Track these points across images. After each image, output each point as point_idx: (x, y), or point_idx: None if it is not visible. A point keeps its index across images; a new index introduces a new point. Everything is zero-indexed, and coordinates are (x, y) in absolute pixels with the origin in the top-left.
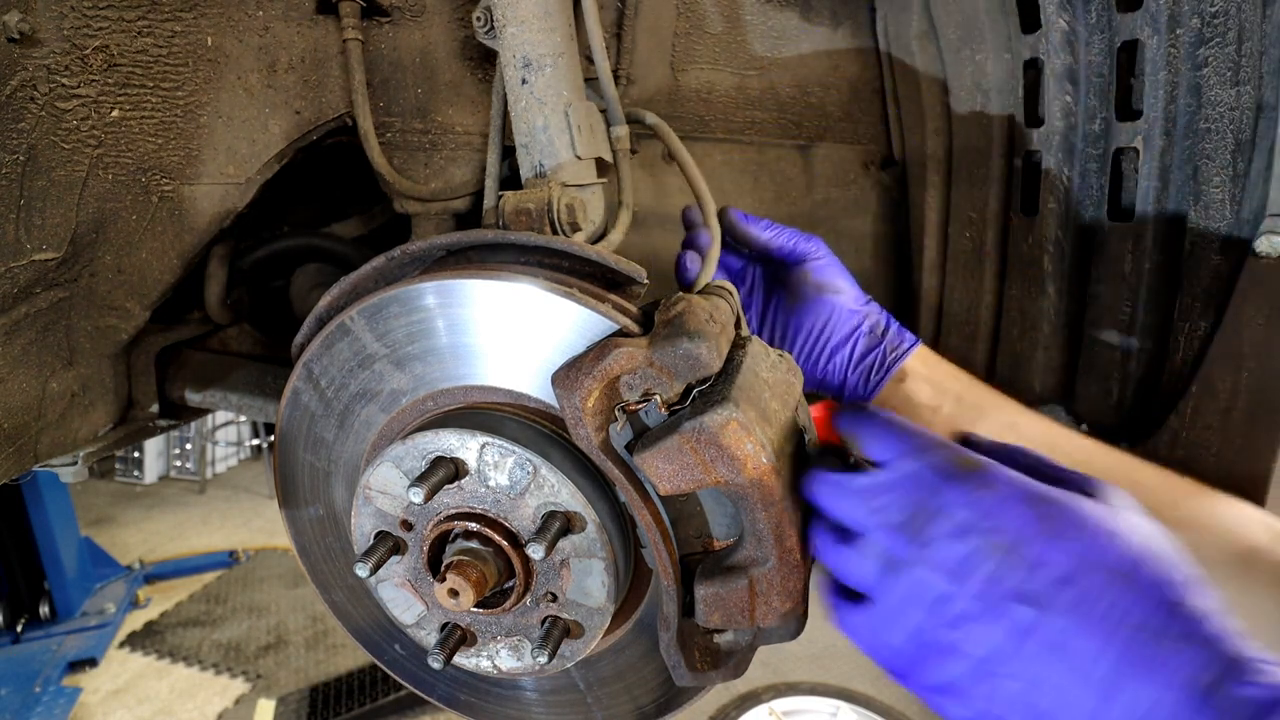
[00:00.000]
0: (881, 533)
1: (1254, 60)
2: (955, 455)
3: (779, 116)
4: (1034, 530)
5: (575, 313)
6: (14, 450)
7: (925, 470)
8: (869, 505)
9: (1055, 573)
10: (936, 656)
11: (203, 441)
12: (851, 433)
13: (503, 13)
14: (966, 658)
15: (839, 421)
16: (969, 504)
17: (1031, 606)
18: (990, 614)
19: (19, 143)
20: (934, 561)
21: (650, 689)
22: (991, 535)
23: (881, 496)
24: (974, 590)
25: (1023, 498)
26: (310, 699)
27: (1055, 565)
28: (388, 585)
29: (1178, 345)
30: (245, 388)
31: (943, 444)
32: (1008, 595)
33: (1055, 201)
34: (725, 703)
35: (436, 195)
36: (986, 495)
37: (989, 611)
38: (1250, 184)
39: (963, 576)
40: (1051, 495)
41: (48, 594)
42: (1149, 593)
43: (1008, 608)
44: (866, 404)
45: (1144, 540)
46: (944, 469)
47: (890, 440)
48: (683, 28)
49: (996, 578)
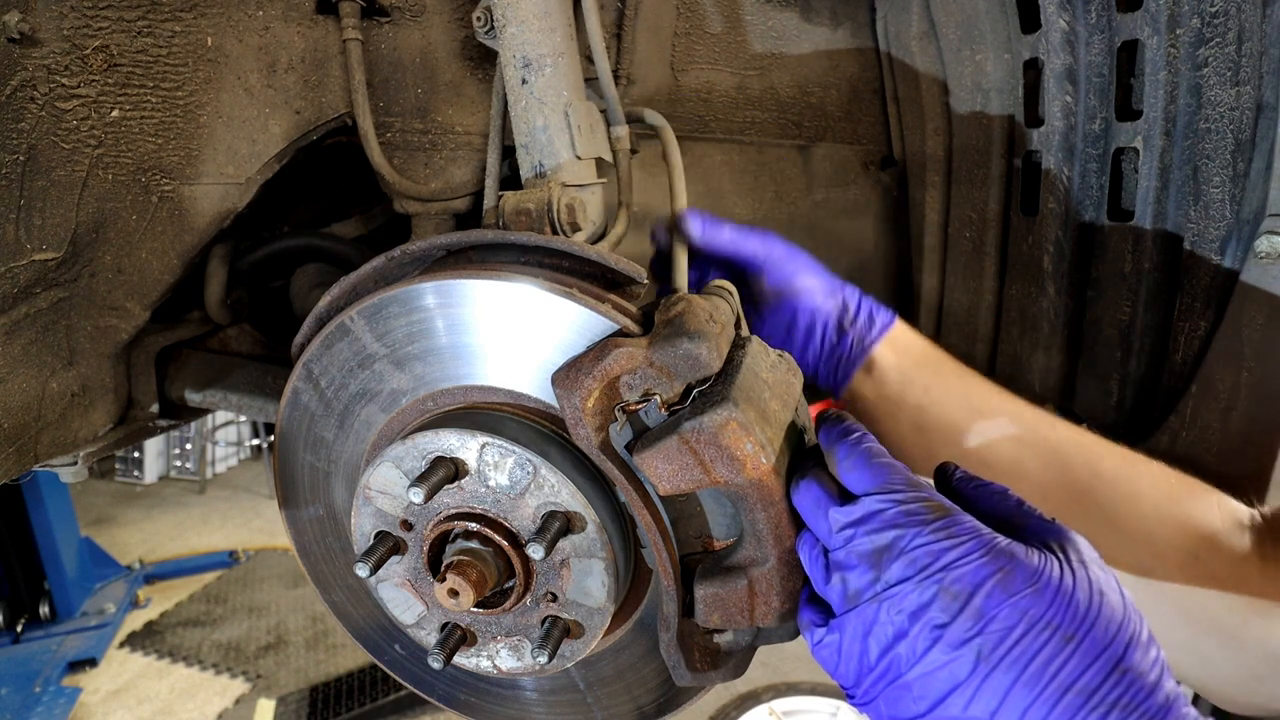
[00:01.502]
0: (849, 559)
1: (1254, 60)
2: (924, 500)
3: (779, 116)
4: (989, 583)
5: (575, 313)
6: (14, 450)
7: (895, 511)
8: (842, 534)
9: (1002, 627)
10: (889, 691)
11: (203, 441)
12: (829, 452)
13: (503, 13)
14: (917, 699)
15: (820, 435)
16: (930, 550)
17: (977, 658)
18: (938, 659)
19: (19, 143)
20: (891, 600)
21: (650, 689)
22: (948, 583)
23: (850, 528)
24: (926, 634)
25: (983, 549)
26: (310, 699)
27: (1003, 620)
28: (388, 585)
29: (1178, 345)
30: (245, 388)
31: (913, 485)
32: (955, 643)
33: (1055, 201)
34: (725, 703)
35: (436, 195)
36: (948, 543)
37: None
38: (1250, 184)
39: (916, 618)
40: (1011, 549)
41: (48, 594)
42: (1093, 656)
43: (956, 656)
44: (846, 418)
45: (1096, 599)
46: (912, 512)
47: (864, 473)
48: (683, 28)
49: (948, 625)
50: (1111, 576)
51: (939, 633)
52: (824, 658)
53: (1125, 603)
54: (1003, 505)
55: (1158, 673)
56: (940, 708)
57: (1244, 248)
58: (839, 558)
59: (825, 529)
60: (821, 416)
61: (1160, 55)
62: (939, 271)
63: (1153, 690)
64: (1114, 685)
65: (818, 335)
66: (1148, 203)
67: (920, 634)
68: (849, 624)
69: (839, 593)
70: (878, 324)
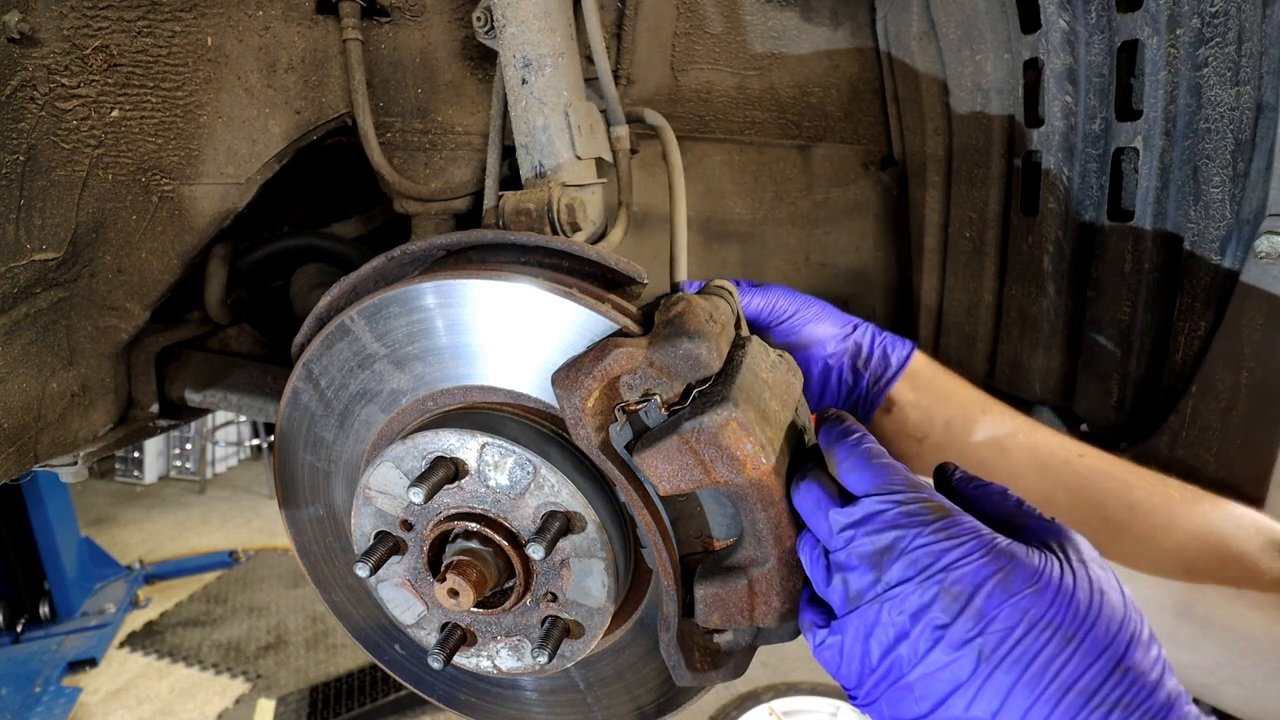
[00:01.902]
0: (850, 560)
1: (1254, 60)
2: (924, 500)
3: (779, 116)
4: (989, 583)
5: (575, 313)
6: (14, 450)
7: (895, 512)
8: (842, 535)
9: (1003, 627)
10: (891, 691)
11: (203, 441)
12: (829, 453)
13: (503, 13)
14: (919, 700)
15: (820, 436)
16: (930, 550)
17: (978, 659)
18: (940, 660)
19: (19, 143)
20: (892, 601)
21: (650, 689)
22: (949, 584)
23: (850, 529)
24: (927, 635)
25: (983, 549)
26: (310, 699)
27: (1004, 620)
28: (388, 585)
29: (1178, 345)
30: (245, 388)
31: (913, 485)
32: (956, 644)
33: (1055, 201)
34: (725, 703)
35: (436, 195)
36: (949, 544)
37: (939, 658)
38: (1250, 184)
39: (917, 619)
40: (1011, 549)
41: (48, 594)
42: (1094, 655)
43: (957, 656)
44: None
45: (1096, 598)
46: (913, 513)
47: (864, 474)
48: (683, 28)
49: (949, 626)
50: (1112, 575)
51: (940, 633)
52: (826, 659)
53: (1126, 601)
54: (1002, 505)
55: (1159, 671)
56: (942, 708)
57: (1244, 248)
58: (840, 559)
59: (826, 530)
60: (822, 417)
61: (1160, 55)
62: (939, 271)
63: (1154, 689)
64: (1115, 685)
65: (832, 382)
66: (1148, 203)
67: (921, 635)
68: (850, 625)
69: (840, 594)
70: (893, 363)
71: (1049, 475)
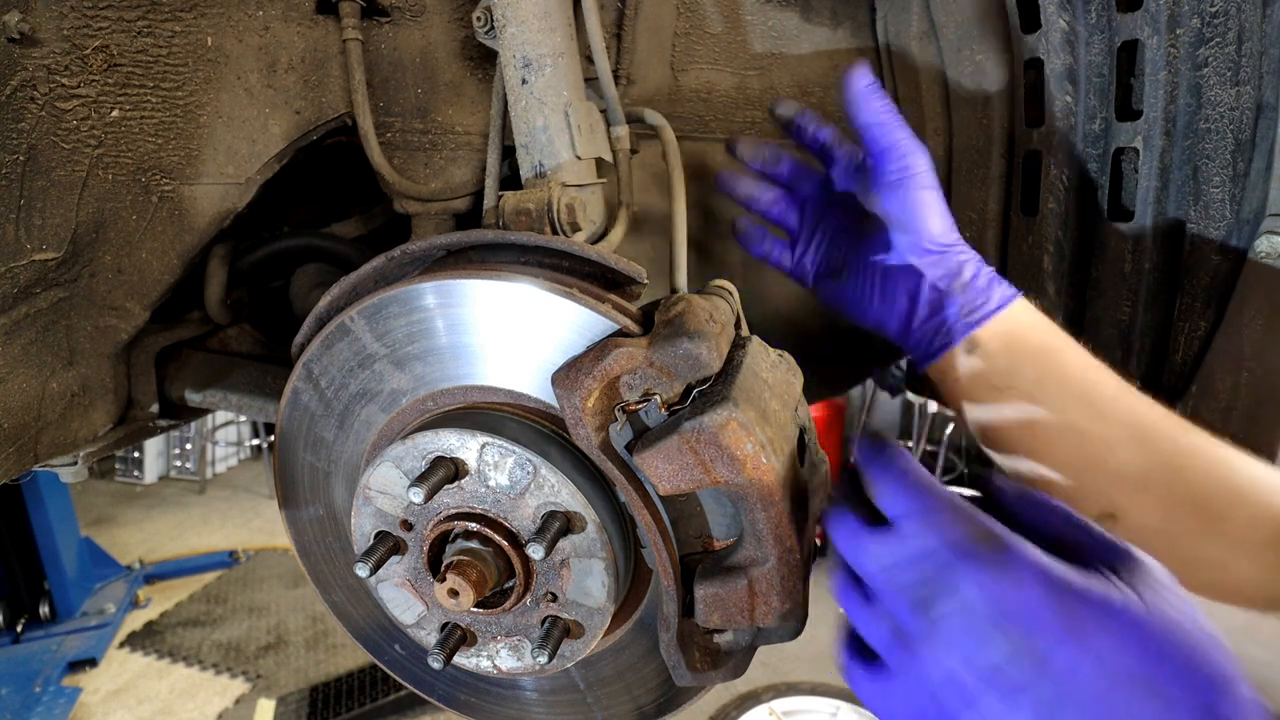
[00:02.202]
0: (892, 598)
1: (1254, 60)
2: (972, 529)
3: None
4: (1052, 626)
5: (575, 313)
6: (14, 450)
7: (939, 544)
8: (880, 565)
9: (1072, 679)
10: None
11: (203, 441)
12: (864, 472)
13: (503, 13)
14: None
15: (855, 453)
16: (982, 587)
17: (1039, 708)
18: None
19: (19, 143)
20: (943, 642)
21: (650, 689)
22: (1005, 627)
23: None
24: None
25: (1042, 583)
26: (310, 699)
27: (1072, 670)
28: (388, 585)
29: (1178, 345)
30: (245, 388)
31: (958, 509)
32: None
33: (1055, 201)
34: (725, 703)
35: (436, 195)
36: (1002, 580)
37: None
38: (1250, 184)
39: (970, 663)
40: (1075, 584)
41: (48, 594)
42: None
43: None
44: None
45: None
46: (959, 545)
47: (901, 498)
48: (683, 28)
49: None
50: (1189, 604)
51: (994, 677)
52: (873, 704)
53: (1209, 636)
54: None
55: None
56: None
57: (1244, 247)
58: (882, 596)
59: (864, 564)
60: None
61: (1160, 55)
62: None
63: None
64: None
65: (916, 292)
66: (1148, 203)
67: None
68: (896, 667)
69: (885, 634)
70: (994, 300)
71: (1148, 450)
